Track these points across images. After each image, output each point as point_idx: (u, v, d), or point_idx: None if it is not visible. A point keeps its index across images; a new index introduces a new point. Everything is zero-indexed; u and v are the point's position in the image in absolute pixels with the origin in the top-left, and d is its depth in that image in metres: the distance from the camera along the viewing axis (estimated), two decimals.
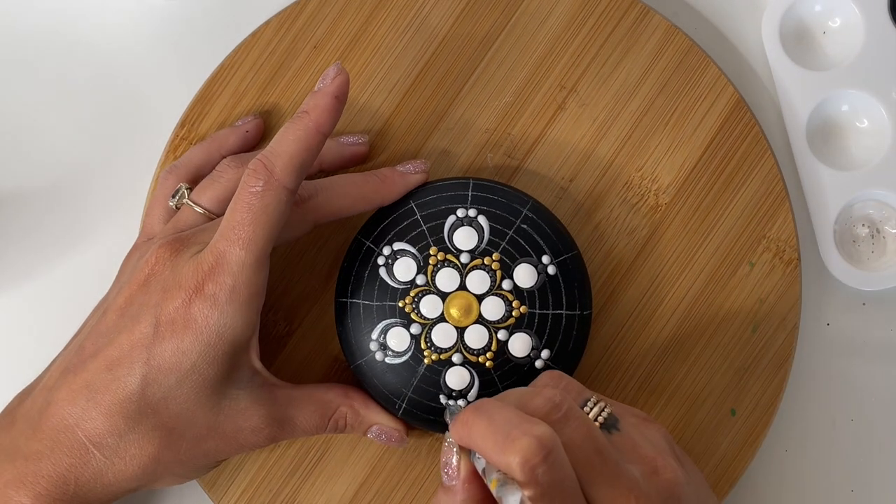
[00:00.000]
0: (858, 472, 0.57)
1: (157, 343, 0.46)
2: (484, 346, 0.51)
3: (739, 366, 0.55)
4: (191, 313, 0.46)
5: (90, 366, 0.47)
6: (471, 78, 0.56)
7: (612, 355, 0.55)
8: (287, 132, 0.47)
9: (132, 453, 0.46)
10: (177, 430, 0.47)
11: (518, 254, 0.51)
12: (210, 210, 0.50)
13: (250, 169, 0.46)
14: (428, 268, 0.51)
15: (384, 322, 0.51)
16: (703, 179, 0.55)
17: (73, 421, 0.46)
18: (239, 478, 0.54)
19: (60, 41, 0.58)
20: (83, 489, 0.47)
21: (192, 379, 0.46)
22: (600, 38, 0.56)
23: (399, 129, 0.56)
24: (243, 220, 0.46)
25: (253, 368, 0.48)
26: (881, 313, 0.57)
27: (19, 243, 0.57)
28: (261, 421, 0.48)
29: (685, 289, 0.55)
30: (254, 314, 0.47)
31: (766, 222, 0.55)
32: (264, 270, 0.47)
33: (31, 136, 0.58)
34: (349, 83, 0.48)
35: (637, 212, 0.55)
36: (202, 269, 0.46)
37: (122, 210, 0.56)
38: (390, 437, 0.52)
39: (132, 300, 0.47)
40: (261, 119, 0.55)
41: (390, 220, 0.52)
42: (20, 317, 0.56)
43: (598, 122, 0.56)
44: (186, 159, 0.54)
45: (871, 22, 0.57)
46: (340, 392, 0.51)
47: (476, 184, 0.52)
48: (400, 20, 0.56)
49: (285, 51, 0.56)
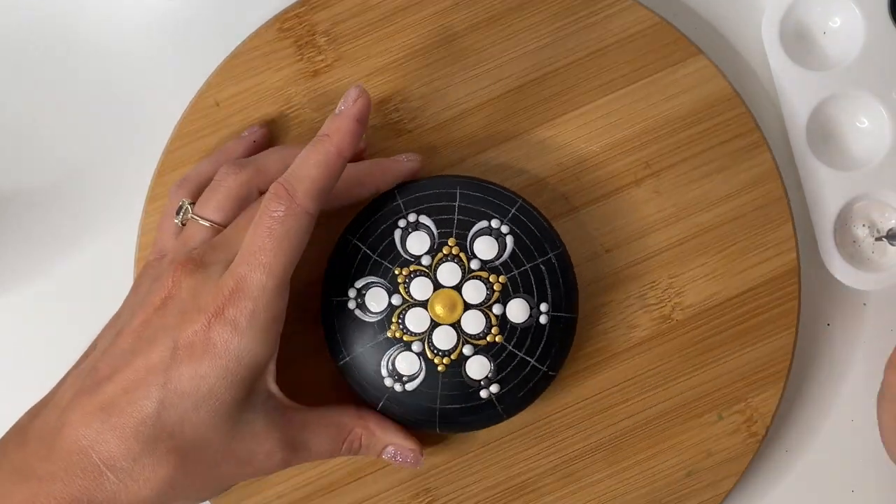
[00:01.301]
0: (858, 472, 0.57)
1: (175, 367, 0.45)
2: (485, 328, 0.51)
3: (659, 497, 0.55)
4: (210, 338, 0.45)
5: (106, 388, 0.46)
6: (575, 111, 0.55)
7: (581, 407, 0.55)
8: (308, 156, 0.47)
9: (146, 476, 0.46)
10: (191, 454, 0.46)
11: (467, 230, 0.51)
12: (215, 221, 0.50)
13: (272, 193, 0.46)
14: (399, 287, 0.51)
15: (385, 356, 0.51)
16: (723, 318, 0.55)
17: (87, 443, 0.45)
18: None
19: (60, 41, 0.58)
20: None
21: (210, 403, 0.45)
22: (707, 143, 0.55)
23: (472, 126, 0.56)
24: (264, 245, 0.45)
25: (268, 392, 0.48)
26: (881, 313, 0.57)
27: (19, 243, 0.57)
28: (275, 445, 0.48)
29: (650, 404, 0.55)
30: (273, 339, 0.46)
31: (754, 391, 0.54)
32: (285, 295, 0.46)
33: (31, 136, 0.58)
34: (371, 105, 0.48)
35: (647, 313, 0.55)
36: (223, 293, 0.45)
37: (122, 210, 0.56)
38: (406, 457, 0.52)
39: (148, 323, 0.47)
40: (267, 128, 0.55)
41: (343, 267, 0.52)
42: (20, 316, 0.56)
43: (663, 214, 0.55)
44: (195, 173, 0.53)
45: (871, 22, 0.57)
46: (355, 413, 0.51)
47: (401, 189, 0.52)
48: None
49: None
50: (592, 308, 0.55)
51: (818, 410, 0.57)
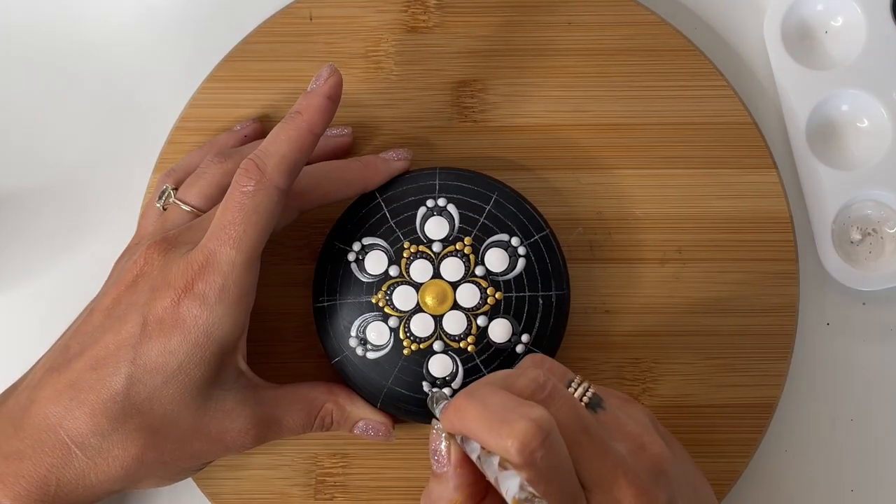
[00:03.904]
0: (858, 472, 0.57)
1: (144, 342, 0.45)
2: (463, 332, 0.51)
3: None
4: (179, 313, 0.45)
5: (75, 365, 0.46)
6: (635, 169, 0.55)
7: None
8: (279, 132, 0.47)
9: (115, 454, 0.46)
10: (161, 431, 0.46)
11: (487, 236, 0.52)
12: (196, 207, 0.50)
13: (242, 168, 0.46)
14: (402, 261, 0.51)
15: (361, 318, 0.51)
16: (684, 420, 0.54)
17: (55, 420, 0.46)
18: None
19: (60, 41, 0.58)
20: (64, 490, 0.46)
21: (179, 379, 0.46)
22: (744, 255, 0.55)
23: (534, 142, 0.56)
24: (234, 219, 0.46)
25: (238, 369, 0.48)
26: (881, 313, 0.57)
27: (19, 243, 0.57)
28: (247, 422, 0.48)
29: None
30: (243, 315, 0.47)
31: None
32: (255, 270, 0.47)
33: (30, 135, 0.58)
34: (342, 84, 0.48)
35: (618, 385, 0.54)
36: (192, 268, 0.46)
37: (122, 209, 0.56)
38: (377, 431, 0.52)
39: (119, 300, 0.47)
40: (259, 123, 0.55)
41: (359, 218, 0.52)
42: (20, 316, 0.57)
43: (673, 300, 0.55)
44: (184, 163, 0.54)
45: (872, 21, 0.56)
46: (325, 389, 0.51)
47: (444, 171, 0.52)
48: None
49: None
50: (569, 359, 0.54)
51: (818, 410, 0.57)
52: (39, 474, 0.46)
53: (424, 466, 0.53)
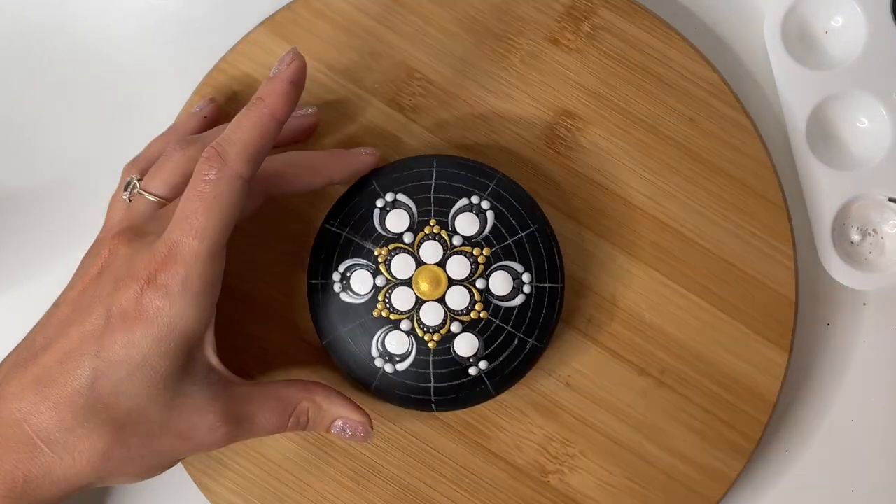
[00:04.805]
0: (858, 472, 0.57)
1: (108, 335, 0.45)
2: (469, 304, 0.50)
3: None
4: (142, 304, 0.44)
5: (40, 359, 0.46)
6: (657, 273, 0.55)
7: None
8: (242, 119, 0.46)
9: (80, 449, 0.45)
10: (128, 426, 0.45)
11: (448, 207, 0.51)
12: (161, 196, 0.49)
13: (204, 157, 0.45)
14: (381, 266, 0.51)
15: (375, 335, 0.51)
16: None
17: (20, 415, 0.45)
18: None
19: (60, 41, 0.58)
20: (32, 485, 0.45)
21: (143, 373, 0.45)
22: (714, 412, 0.54)
23: (597, 202, 0.55)
24: (196, 209, 0.45)
25: (208, 364, 0.47)
26: (881, 313, 0.57)
27: (18, 243, 0.57)
28: (217, 419, 0.47)
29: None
30: (208, 306, 0.46)
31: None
32: (219, 261, 0.46)
33: (30, 136, 0.58)
34: (306, 68, 0.47)
35: (536, 452, 0.54)
36: (155, 259, 0.45)
37: None
38: (355, 430, 0.50)
39: (85, 292, 0.46)
40: (217, 102, 0.55)
41: (325, 250, 0.51)
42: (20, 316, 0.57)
43: (631, 412, 0.54)
44: (147, 152, 0.53)
45: (872, 22, 0.56)
46: (301, 387, 0.50)
47: (377, 173, 0.52)
48: None
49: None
50: (502, 407, 0.54)
51: (818, 410, 0.57)
52: (6, 470, 0.45)
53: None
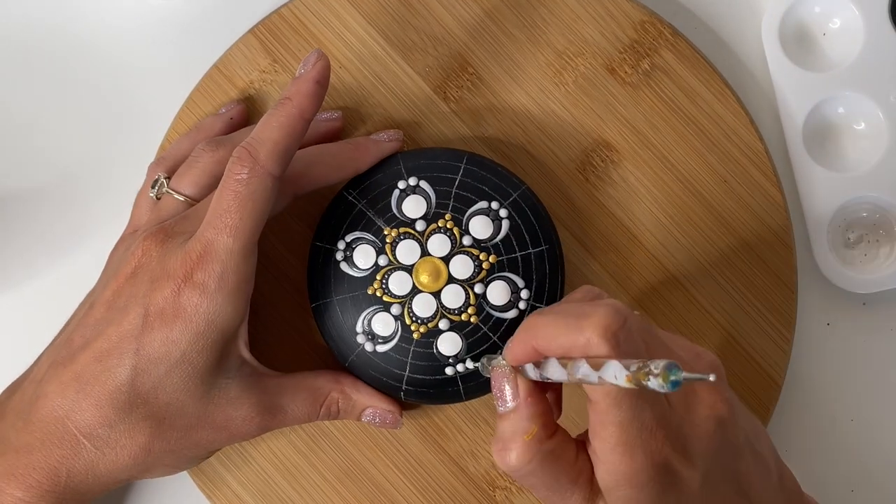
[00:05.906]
0: (858, 472, 0.57)
1: (147, 333, 0.46)
2: (463, 304, 0.51)
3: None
4: (180, 302, 0.46)
5: (79, 358, 0.47)
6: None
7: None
8: (270, 119, 0.47)
9: (123, 444, 0.47)
10: (167, 420, 0.47)
11: (467, 206, 0.52)
12: (190, 196, 0.50)
13: (235, 156, 0.46)
14: (386, 247, 0.51)
15: (363, 313, 0.51)
16: None
17: (63, 413, 0.46)
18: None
19: (59, 41, 0.58)
20: (75, 480, 0.47)
21: (182, 368, 0.46)
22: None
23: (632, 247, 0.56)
24: (230, 207, 0.46)
25: (241, 357, 0.48)
26: (881, 313, 0.57)
27: (19, 243, 0.57)
28: (251, 410, 0.49)
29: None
30: (243, 302, 0.47)
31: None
32: (252, 258, 0.47)
33: (30, 136, 0.58)
34: (330, 67, 0.48)
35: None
36: (190, 258, 0.46)
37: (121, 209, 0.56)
38: (384, 418, 0.52)
39: (120, 292, 0.48)
40: (244, 104, 0.55)
41: (337, 218, 0.52)
42: (19, 317, 0.57)
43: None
44: (173, 150, 0.54)
45: (870, 24, 0.57)
46: (331, 378, 0.51)
47: (406, 155, 0.53)
48: None
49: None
50: (468, 411, 0.55)
51: (818, 410, 0.57)
52: (50, 466, 0.47)
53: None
